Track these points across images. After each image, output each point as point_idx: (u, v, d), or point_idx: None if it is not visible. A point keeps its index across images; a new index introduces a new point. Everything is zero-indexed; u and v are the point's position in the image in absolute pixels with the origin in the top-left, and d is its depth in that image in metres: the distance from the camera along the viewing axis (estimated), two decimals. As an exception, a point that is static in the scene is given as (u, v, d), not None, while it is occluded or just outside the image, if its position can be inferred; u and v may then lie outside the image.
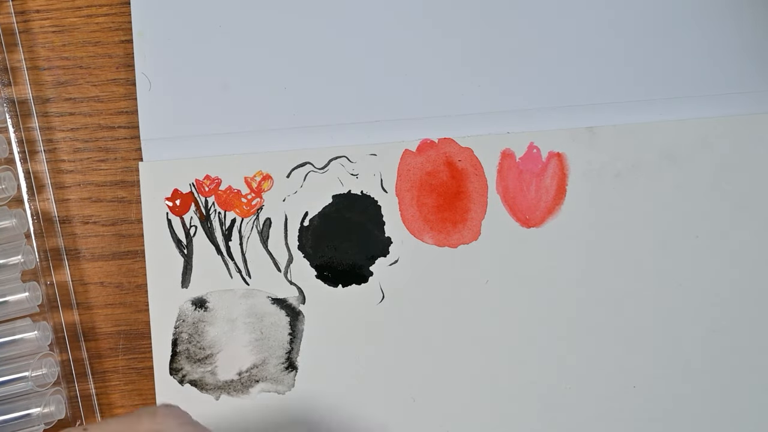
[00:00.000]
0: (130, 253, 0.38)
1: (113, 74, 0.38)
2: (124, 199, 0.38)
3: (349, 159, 0.38)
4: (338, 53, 0.38)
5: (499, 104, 0.38)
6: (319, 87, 0.38)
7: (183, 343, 0.37)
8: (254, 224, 0.38)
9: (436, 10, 0.38)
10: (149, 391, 0.38)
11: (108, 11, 0.39)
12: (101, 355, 0.38)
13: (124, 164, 0.38)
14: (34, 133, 0.38)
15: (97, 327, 0.38)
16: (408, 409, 0.37)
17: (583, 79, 0.38)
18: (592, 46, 0.38)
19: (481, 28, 0.38)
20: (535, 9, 0.38)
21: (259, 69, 0.38)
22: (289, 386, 0.37)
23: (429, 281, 0.38)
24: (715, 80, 0.38)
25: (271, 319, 0.37)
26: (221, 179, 0.38)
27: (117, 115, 0.38)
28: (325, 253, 0.38)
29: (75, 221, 0.38)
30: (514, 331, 0.37)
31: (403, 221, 0.38)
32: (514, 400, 0.37)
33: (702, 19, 0.38)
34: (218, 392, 0.37)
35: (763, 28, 0.38)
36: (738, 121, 0.38)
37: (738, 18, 0.38)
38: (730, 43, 0.38)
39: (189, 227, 0.38)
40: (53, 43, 0.38)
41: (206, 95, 0.38)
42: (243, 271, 0.38)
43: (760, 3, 0.38)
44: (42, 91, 0.38)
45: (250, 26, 0.38)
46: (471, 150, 0.38)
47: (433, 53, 0.38)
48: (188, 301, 0.37)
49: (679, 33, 0.38)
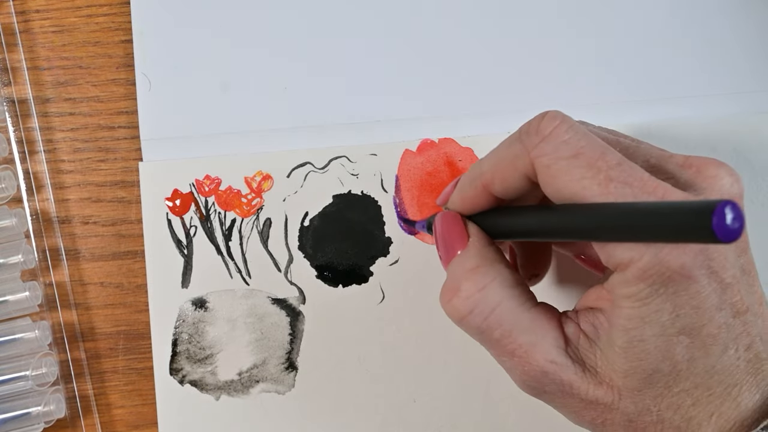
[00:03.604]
0: (130, 253, 0.38)
1: (113, 74, 0.38)
2: (124, 199, 0.38)
3: (349, 159, 0.38)
4: (338, 53, 0.38)
5: (499, 104, 0.38)
6: (319, 87, 0.38)
7: (183, 344, 0.37)
8: (254, 224, 0.38)
9: (436, 10, 0.38)
10: (149, 392, 0.38)
11: (108, 11, 0.39)
12: (101, 355, 0.38)
13: (124, 164, 0.38)
14: (34, 133, 0.38)
15: (97, 327, 0.38)
16: (408, 409, 0.37)
17: (582, 79, 0.38)
18: (592, 47, 0.38)
19: (482, 28, 0.38)
20: (535, 9, 0.38)
21: (259, 69, 0.38)
22: (289, 386, 0.37)
23: (429, 281, 0.38)
24: (715, 82, 0.38)
25: (272, 319, 0.37)
26: (221, 179, 0.38)
27: (117, 115, 0.38)
28: (326, 253, 0.38)
29: (75, 221, 0.38)
30: (514, 331, 0.37)
31: (403, 221, 0.38)
32: (515, 400, 0.37)
33: (701, 19, 0.38)
34: (218, 392, 0.37)
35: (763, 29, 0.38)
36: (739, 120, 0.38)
37: (739, 17, 0.38)
38: (726, 42, 0.38)
39: (189, 227, 0.38)
40: (53, 43, 0.38)
41: (206, 95, 0.38)
42: (243, 271, 0.38)
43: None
44: (42, 91, 0.38)
45: (250, 26, 0.38)
46: (471, 150, 0.38)
47: (434, 53, 0.38)
48: (188, 301, 0.37)
49: (680, 33, 0.38)
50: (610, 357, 0.25)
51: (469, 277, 0.26)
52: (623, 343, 0.24)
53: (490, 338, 0.26)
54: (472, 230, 0.28)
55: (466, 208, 0.29)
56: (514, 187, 0.26)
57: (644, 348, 0.23)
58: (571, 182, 0.24)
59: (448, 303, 0.27)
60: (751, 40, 0.38)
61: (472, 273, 0.26)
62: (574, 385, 0.25)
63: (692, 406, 0.24)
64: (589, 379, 0.25)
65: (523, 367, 0.26)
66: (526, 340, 0.26)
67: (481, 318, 0.26)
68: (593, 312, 0.26)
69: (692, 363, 0.24)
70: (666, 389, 0.24)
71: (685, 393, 0.24)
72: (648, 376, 0.24)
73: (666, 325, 0.23)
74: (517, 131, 0.26)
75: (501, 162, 0.27)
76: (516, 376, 0.27)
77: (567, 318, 0.26)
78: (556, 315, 0.27)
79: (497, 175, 0.27)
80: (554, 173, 0.24)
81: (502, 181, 0.27)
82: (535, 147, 0.25)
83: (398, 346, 0.37)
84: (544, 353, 0.25)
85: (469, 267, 0.27)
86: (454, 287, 0.27)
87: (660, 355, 0.23)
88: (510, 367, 0.27)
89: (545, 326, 0.26)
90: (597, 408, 0.25)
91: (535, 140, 0.25)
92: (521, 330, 0.26)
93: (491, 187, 0.27)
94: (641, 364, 0.24)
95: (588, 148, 0.24)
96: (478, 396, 0.37)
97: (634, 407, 0.25)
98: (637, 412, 0.25)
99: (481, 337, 0.27)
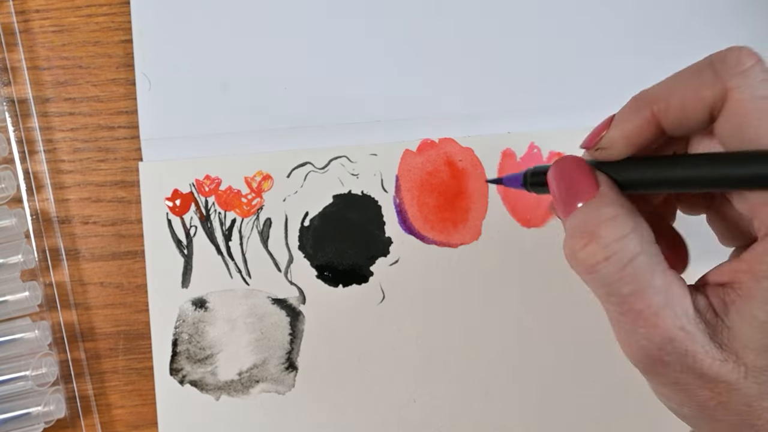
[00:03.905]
0: (130, 253, 0.38)
1: (113, 74, 0.38)
2: (124, 199, 0.38)
3: (349, 159, 0.38)
4: (339, 53, 0.38)
5: (499, 104, 0.38)
6: (319, 87, 0.38)
7: (183, 344, 0.37)
8: (254, 224, 0.38)
9: (436, 11, 0.38)
10: (149, 392, 0.38)
11: (108, 11, 0.38)
12: (101, 355, 0.38)
13: (124, 164, 0.38)
14: (33, 133, 0.38)
15: (97, 327, 0.38)
16: (408, 409, 0.37)
17: (583, 79, 0.38)
18: (592, 47, 0.38)
19: (482, 28, 0.38)
20: (535, 9, 0.38)
21: (259, 69, 0.38)
22: (289, 386, 0.37)
23: (429, 281, 0.38)
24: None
25: (272, 319, 0.37)
26: (221, 179, 0.38)
27: (117, 115, 0.38)
28: (326, 253, 0.38)
29: (75, 221, 0.38)
30: (514, 331, 0.37)
31: (403, 221, 0.38)
32: (515, 400, 0.37)
33: (706, 18, 0.38)
34: (218, 392, 0.37)
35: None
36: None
37: (742, 15, 0.38)
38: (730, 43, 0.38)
39: (189, 227, 0.38)
40: (53, 43, 0.38)
41: (206, 95, 0.38)
42: (243, 271, 0.38)
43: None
44: (42, 91, 0.38)
45: (250, 26, 0.38)
46: (471, 150, 0.38)
47: (434, 53, 0.38)
48: (188, 301, 0.37)
49: (680, 35, 0.38)
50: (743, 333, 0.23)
51: (608, 223, 0.24)
52: (765, 317, 0.23)
53: (619, 292, 0.25)
54: (602, 179, 0.26)
55: (630, 144, 0.26)
56: (693, 120, 0.24)
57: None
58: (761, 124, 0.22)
59: (582, 249, 0.25)
60: (754, 39, 0.38)
61: (611, 220, 0.25)
62: (698, 357, 0.24)
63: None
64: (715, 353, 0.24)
65: (647, 330, 0.24)
66: (659, 301, 0.24)
67: (617, 267, 0.24)
68: (724, 288, 0.25)
69: None
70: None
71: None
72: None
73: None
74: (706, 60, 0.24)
75: (683, 88, 0.24)
76: (633, 341, 0.25)
77: (696, 291, 0.25)
78: (686, 285, 0.25)
79: (675, 102, 0.24)
80: (746, 110, 0.22)
81: (680, 110, 0.24)
82: (732, 77, 0.23)
83: (398, 346, 0.37)
84: (674, 318, 0.24)
85: (608, 215, 0.25)
86: (588, 232, 0.25)
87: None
88: (630, 329, 0.25)
89: (678, 291, 0.24)
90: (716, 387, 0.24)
91: (734, 70, 0.23)
92: (655, 289, 0.24)
93: (664, 116, 0.24)
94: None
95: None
96: (478, 396, 0.37)
97: (757, 389, 0.23)
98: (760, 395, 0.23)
99: (608, 290, 0.25)
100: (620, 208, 0.25)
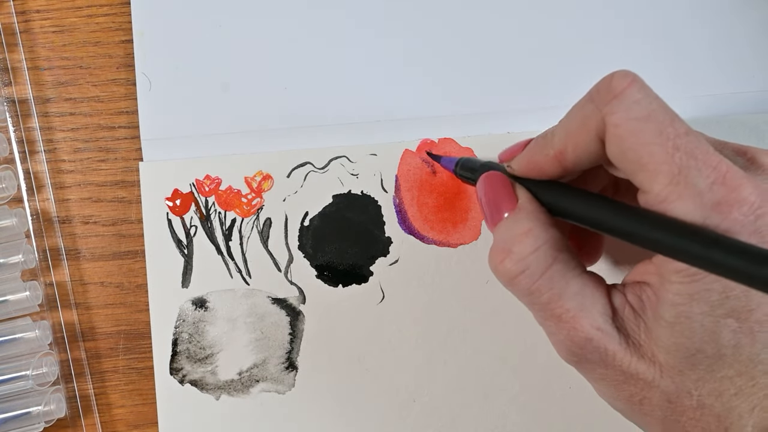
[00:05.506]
0: (130, 253, 0.38)
1: (113, 74, 0.38)
2: (124, 199, 0.38)
3: (349, 159, 0.38)
4: (338, 53, 0.38)
5: (499, 104, 0.38)
6: (319, 87, 0.38)
7: (183, 343, 0.37)
8: (254, 224, 0.38)
9: (436, 11, 0.38)
10: (149, 391, 0.38)
11: (108, 11, 0.39)
12: (101, 355, 0.38)
13: (124, 164, 0.38)
14: (34, 133, 0.38)
15: (97, 327, 0.38)
16: (408, 409, 0.37)
17: (583, 79, 0.38)
18: (592, 47, 0.38)
19: (482, 28, 0.38)
20: (535, 9, 0.38)
21: (259, 69, 0.38)
22: (289, 386, 0.37)
23: (429, 281, 0.38)
24: (716, 81, 0.38)
25: (272, 318, 0.37)
26: (221, 179, 0.38)
27: (117, 115, 0.38)
28: (326, 253, 0.38)
29: (75, 221, 0.38)
30: (514, 331, 0.37)
31: (402, 221, 0.38)
32: (515, 400, 0.37)
33: (702, 18, 0.38)
34: (218, 392, 0.37)
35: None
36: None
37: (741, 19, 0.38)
38: (730, 42, 0.38)
39: (189, 227, 0.38)
40: (53, 43, 0.38)
41: (206, 95, 0.38)
42: (243, 271, 0.38)
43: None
44: (42, 91, 0.38)
45: (250, 26, 0.38)
46: (471, 150, 0.38)
47: (434, 53, 0.38)
48: (188, 301, 0.37)
49: (680, 35, 0.38)
50: (655, 332, 0.24)
51: (521, 239, 0.26)
52: (670, 318, 0.24)
53: (538, 301, 0.26)
54: (521, 193, 0.28)
55: (530, 172, 0.28)
56: (587, 153, 0.25)
57: (690, 326, 0.23)
58: (638, 145, 0.23)
59: (500, 264, 0.27)
60: (754, 39, 0.38)
61: (524, 235, 0.26)
62: (617, 356, 0.25)
63: (735, 395, 0.24)
64: (632, 351, 0.25)
65: (568, 332, 0.26)
66: (574, 305, 0.26)
67: (531, 280, 0.26)
68: (641, 286, 0.26)
69: (737, 349, 0.23)
70: (708, 373, 0.24)
71: (728, 380, 0.24)
72: (691, 356, 0.24)
73: (714, 305, 0.23)
74: (587, 92, 0.26)
75: (573, 125, 0.26)
76: (559, 342, 0.27)
77: (614, 290, 0.26)
78: (603, 285, 0.27)
79: (570, 141, 0.26)
80: (623, 133, 0.24)
81: (574, 148, 0.26)
82: (606, 104, 0.24)
83: (398, 346, 0.37)
84: (590, 320, 0.25)
85: (522, 229, 0.26)
86: (505, 249, 0.26)
87: (705, 336, 0.23)
88: (554, 331, 0.26)
89: (594, 294, 0.26)
90: (637, 383, 0.25)
91: (607, 97, 0.24)
92: (570, 294, 0.26)
93: (564, 157, 0.26)
94: (685, 342, 0.23)
95: (659, 111, 0.23)
96: (478, 396, 0.37)
97: (674, 387, 0.24)
98: (677, 392, 0.24)
99: (529, 299, 0.27)
100: (534, 221, 0.27)
